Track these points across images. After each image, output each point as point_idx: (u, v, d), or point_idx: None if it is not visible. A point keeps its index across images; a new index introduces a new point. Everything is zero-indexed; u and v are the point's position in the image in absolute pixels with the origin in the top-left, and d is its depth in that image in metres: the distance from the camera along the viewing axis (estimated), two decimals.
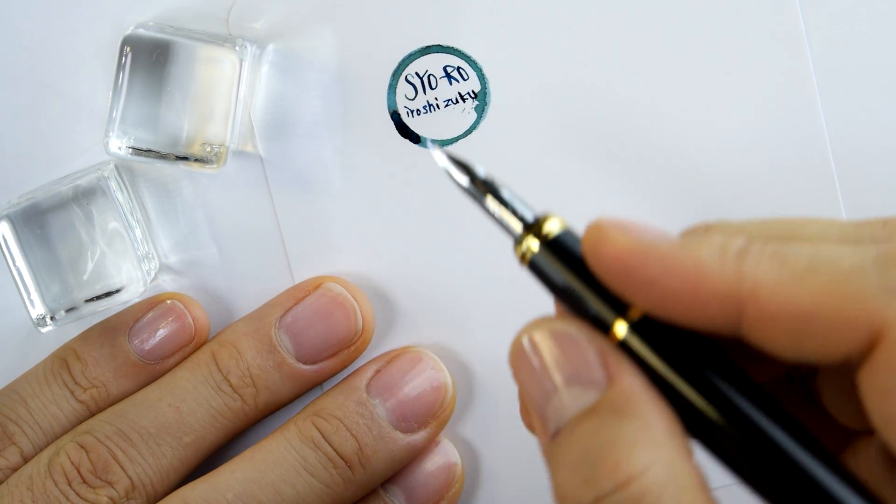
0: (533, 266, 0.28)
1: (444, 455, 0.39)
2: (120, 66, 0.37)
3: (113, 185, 0.38)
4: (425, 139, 0.39)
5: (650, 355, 0.25)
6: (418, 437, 0.38)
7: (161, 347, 0.39)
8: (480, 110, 0.40)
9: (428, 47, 0.39)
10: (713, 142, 0.39)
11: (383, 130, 0.40)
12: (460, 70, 0.39)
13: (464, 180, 0.31)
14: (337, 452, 0.36)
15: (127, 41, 0.37)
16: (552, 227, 0.28)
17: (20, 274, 0.38)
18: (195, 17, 0.39)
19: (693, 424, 0.25)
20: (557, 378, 0.26)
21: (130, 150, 0.38)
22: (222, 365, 0.37)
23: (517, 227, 0.29)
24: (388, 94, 0.40)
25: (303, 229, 0.40)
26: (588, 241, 0.26)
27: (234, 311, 0.40)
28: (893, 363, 0.23)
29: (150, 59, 0.37)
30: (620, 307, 0.26)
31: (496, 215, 0.30)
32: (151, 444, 0.36)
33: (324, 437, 0.37)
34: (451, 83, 0.40)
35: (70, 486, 0.35)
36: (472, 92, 0.39)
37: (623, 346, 0.26)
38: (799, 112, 0.39)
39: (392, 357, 0.39)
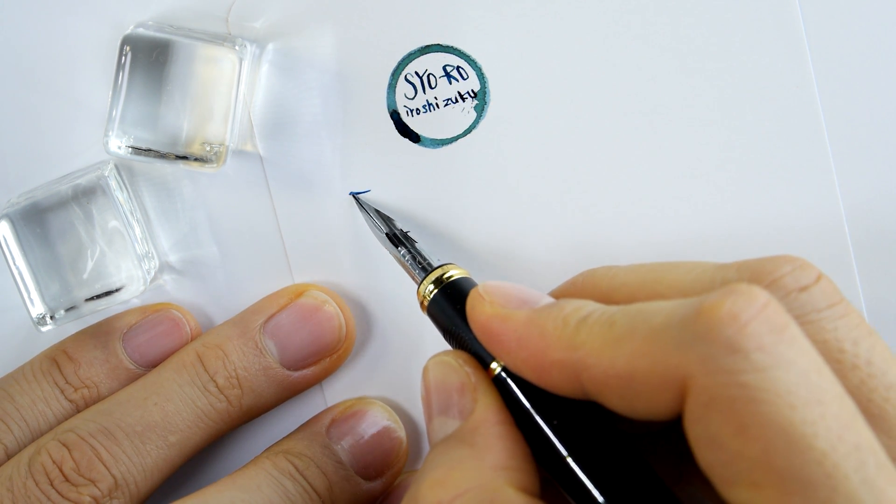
0: (428, 310, 0.33)
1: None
2: (120, 66, 0.37)
3: (113, 184, 0.38)
4: (352, 192, 0.40)
5: (512, 394, 0.29)
6: (376, 484, 0.39)
7: (156, 355, 0.39)
8: (480, 109, 0.40)
9: (427, 46, 0.39)
10: (713, 142, 0.39)
11: (383, 130, 0.40)
12: (460, 69, 0.39)
13: (383, 228, 0.37)
14: (311, 486, 0.37)
15: (127, 40, 0.37)
16: (450, 276, 0.33)
17: (20, 273, 0.38)
18: (195, 16, 0.39)
19: (542, 458, 0.28)
20: (435, 407, 0.30)
21: (130, 149, 0.38)
22: (209, 366, 0.37)
23: (420, 274, 0.34)
24: (388, 93, 0.40)
25: (303, 228, 0.40)
26: (467, 305, 0.30)
27: (235, 310, 0.40)
28: (697, 414, 0.24)
29: (149, 58, 0.37)
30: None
31: (405, 261, 0.35)
32: (136, 443, 0.36)
33: (298, 471, 0.37)
34: (450, 82, 0.40)
35: (52, 485, 0.35)
36: (472, 91, 0.40)
37: (497, 381, 0.29)
38: (799, 111, 0.39)
39: (347, 406, 0.40)
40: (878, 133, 0.39)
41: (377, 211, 0.39)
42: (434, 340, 0.40)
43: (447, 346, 0.33)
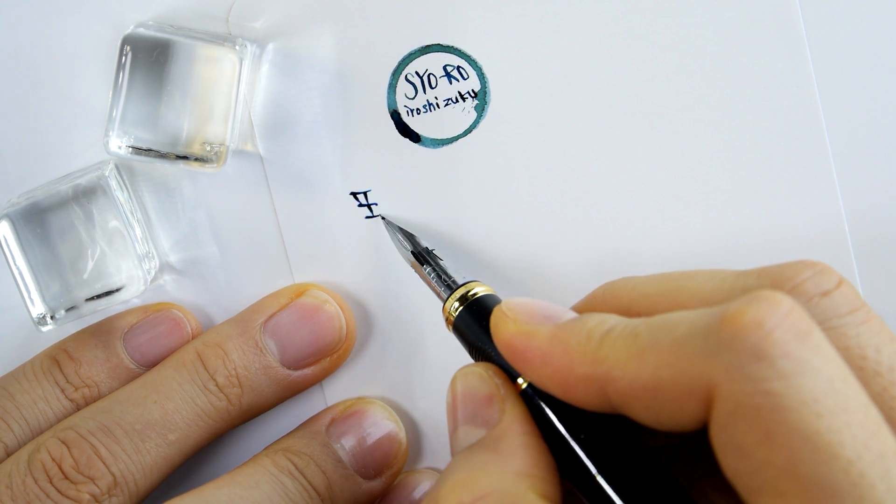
0: (454, 327, 0.33)
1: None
2: (120, 66, 0.37)
3: (113, 184, 0.38)
4: (375, 211, 0.40)
5: (538, 409, 0.29)
6: (375, 483, 0.39)
7: (157, 355, 0.39)
8: (480, 109, 0.40)
9: (428, 46, 0.39)
10: (713, 141, 0.39)
11: (383, 130, 0.40)
12: (460, 69, 0.39)
13: (408, 246, 0.37)
14: (311, 484, 0.37)
15: (127, 40, 0.37)
16: (475, 293, 0.33)
17: (20, 273, 0.38)
18: (195, 16, 0.39)
19: (567, 472, 0.28)
20: (461, 416, 0.30)
21: (130, 149, 0.38)
22: (209, 364, 0.38)
23: (445, 291, 0.34)
24: (388, 93, 0.40)
25: (303, 229, 0.40)
26: (491, 323, 0.30)
27: (235, 310, 0.40)
28: (722, 423, 0.24)
29: (150, 58, 0.37)
30: None
31: (430, 279, 0.35)
32: (136, 441, 0.36)
33: (297, 469, 0.37)
34: (450, 82, 0.40)
35: (51, 483, 0.35)
36: (472, 91, 0.40)
37: (523, 396, 0.29)
38: (799, 112, 0.39)
39: (347, 406, 0.40)
40: (879, 134, 0.39)
41: (401, 229, 0.39)
42: (434, 341, 0.40)
43: (447, 348, 0.33)
